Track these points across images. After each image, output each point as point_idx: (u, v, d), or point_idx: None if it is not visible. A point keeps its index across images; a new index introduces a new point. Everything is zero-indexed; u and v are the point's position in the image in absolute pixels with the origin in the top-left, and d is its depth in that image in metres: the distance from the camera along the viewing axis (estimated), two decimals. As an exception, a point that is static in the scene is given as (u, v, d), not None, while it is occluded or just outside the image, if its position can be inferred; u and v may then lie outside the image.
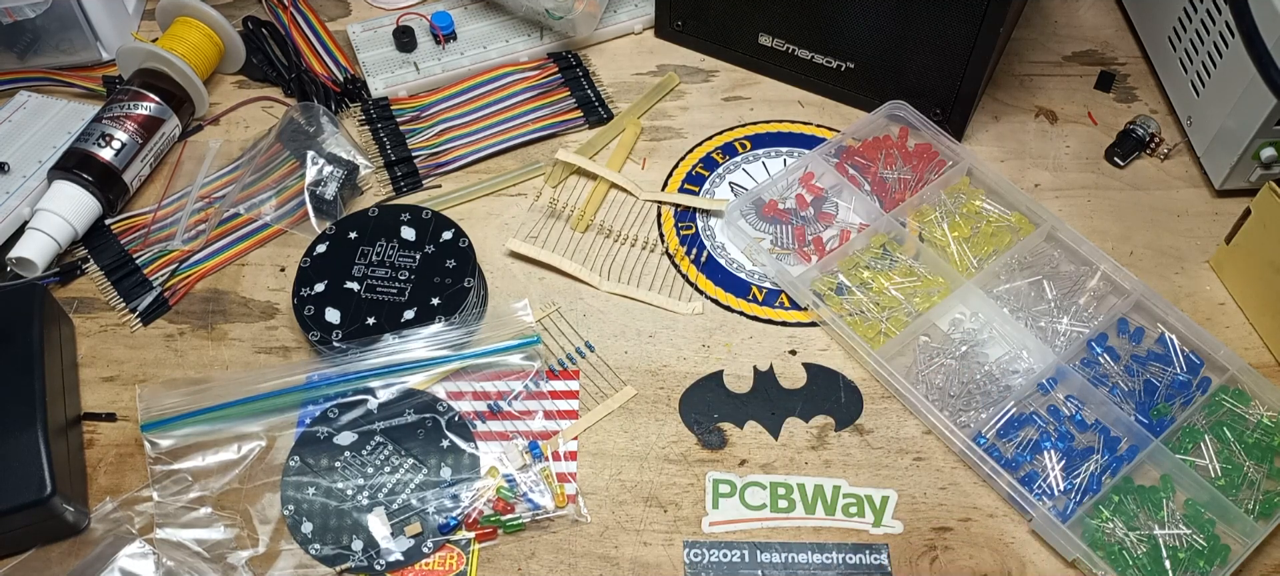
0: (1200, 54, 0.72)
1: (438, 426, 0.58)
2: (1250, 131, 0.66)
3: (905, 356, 0.63)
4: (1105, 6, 0.86)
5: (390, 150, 0.73)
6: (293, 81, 0.77)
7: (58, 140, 0.71)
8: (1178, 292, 0.67)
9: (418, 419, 0.58)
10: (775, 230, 0.70)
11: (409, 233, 0.64)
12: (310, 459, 0.56)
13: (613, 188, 0.72)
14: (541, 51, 0.80)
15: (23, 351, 0.56)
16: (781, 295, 0.66)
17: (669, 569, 0.54)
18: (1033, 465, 0.58)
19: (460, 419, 0.58)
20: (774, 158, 0.75)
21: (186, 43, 0.74)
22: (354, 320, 0.60)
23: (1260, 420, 0.59)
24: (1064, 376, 0.61)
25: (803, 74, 0.78)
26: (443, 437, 0.57)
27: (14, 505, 0.51)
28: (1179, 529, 0.55)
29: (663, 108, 0.78)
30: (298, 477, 0.56)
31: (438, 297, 0.61)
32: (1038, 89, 0.80)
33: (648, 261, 0.68)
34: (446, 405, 0.58)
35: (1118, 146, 0.75)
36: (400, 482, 0.56)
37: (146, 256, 0.67)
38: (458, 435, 0.58)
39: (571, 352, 0.62)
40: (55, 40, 0.76)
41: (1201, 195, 0.73)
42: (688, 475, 0.57)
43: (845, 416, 0.60)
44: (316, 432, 0.57)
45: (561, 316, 0.64)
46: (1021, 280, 0.66)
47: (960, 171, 0.71)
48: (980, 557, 0.55)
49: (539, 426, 0.58)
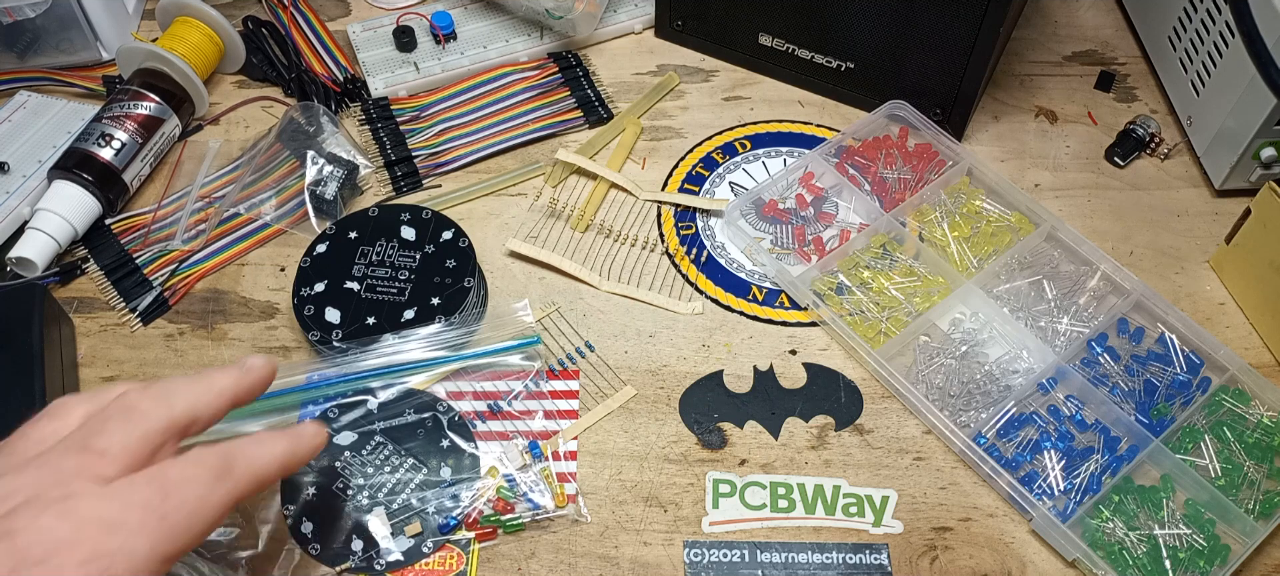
0: (1200, 54, 0.72)
1: (438, 426, 0.58)
2: (1250, 131, 0.66)
3: (905, 356, 0.63)
4: (1105, 6, 0.86)
5: (390, 150, 0.73)
6: (293, 81, 0.77)
7: (58, 140, 0.71)
8: (1178, 293, 0.67)
9: (418, 419, 0.58)
10: (775, 230, 0.70)
11: (409, 232, 0.64)
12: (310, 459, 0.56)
13: (613, 187, 0.72)
14: (541, 51, 0.80)
15: (23, 351, 0.56)
16: (781, 295, 0.66)
17: (669, 569, 0.54)
18: (1033, 465, 0.58)
19: (460, 419, 0.58)
20: (774, 157, 0.75)
21: (186, 43, 0.74)
22: (354, 320, 0.60)
23: (1260, 420, 0.59)
24: (1064, 376, 0.61)
25: (803, 74, 0.78)
26: (443, 437, 0.57)
27: (14, 505, 0.51)
28: (1179, 529, 0.55)
29: (663, 108, 0.78)
30: (297, 477, 0.56)
31: (438, 297, 0.61)
32: (1038, 89, 0.80)
33: (648, 261, 0.68)
34: (446, 405, 0.58)
35: (1118, 146, 0.75)
36: (400, 482, 0.56)
37: (146, 256, 0.67)
38: (458, 435, 0.57)
39: (571, 352, 0.62)
40: (55, 40, 0.76)
41: (1201, 195, 0.73)
42: (688, 475, 0.57)
43: (845, 416, 0.60)
44: None
45: (561, 316, 0.64)
46: (1021, 280, 0.66)
47: (960, 171, 0.71)
48: (980, 557, 0.55)
49: (539, 426, 0.58)
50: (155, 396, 0.41)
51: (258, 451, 0.43)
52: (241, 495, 0.41)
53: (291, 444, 0.44)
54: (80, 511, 0.37)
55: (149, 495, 0.38)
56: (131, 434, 0.40)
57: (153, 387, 0.42)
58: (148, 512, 0.38)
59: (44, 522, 0.36)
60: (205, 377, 0.44)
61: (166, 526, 0.38)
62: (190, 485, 0.39)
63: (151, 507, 0.38)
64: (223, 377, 0.44)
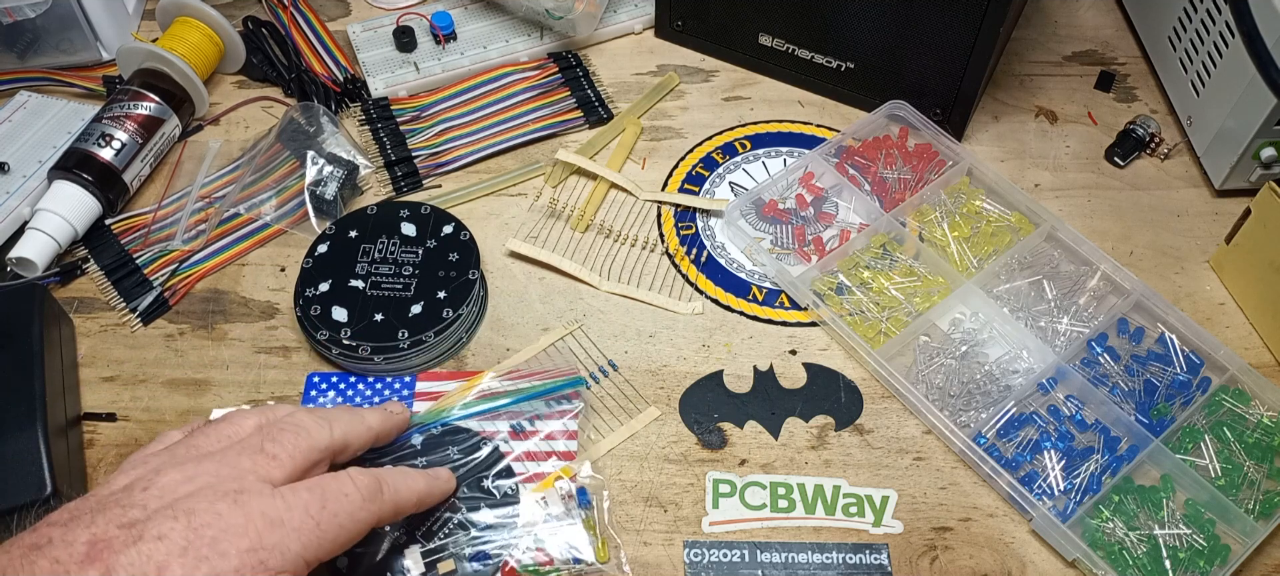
0: (1200, 54, 0.72)
1: (481, 467, 0.56)
2: (1250, 131, 0.66)
3: (905, 356, 0.63)
4: (1105, 6, 0.86)
5: (390, 150, 0.73)
6: (293, 81, 0.77)
7: (58, 140, 0.71)
8: (1178, 292, 0.67)
9: (461, 458, 0.56)
10: (775, 230, 0.70)
11: (409, 228, 0.64)
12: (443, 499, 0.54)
13: (613, 188, 0.72)
14: (541, 51, 0.80)
15: (23, 351, 0.56)
16: (781, 295, 0.66)
17: (669, 569, 0.54)
18: (1033, 465, 0.58)
19: (503, 459, 0.56)
20: (774, 158, 0.75)
21: (186, 43, 0.74)
22: (362, 317, 0.60)
23: (1260, 420, 0.59)
24: (1064, 376, 0.61)
25: (803, 74, 0.78)
26: (485, 478, 0.55)
27: (14, 505, 0.51)
28: (1179, 529, 0.55)
29: (663, 108, 0.78)
30: None
31: (443, 291, 0.61)
32: (1038, 89, 0.80)
33: (648, 261, 0.68)
34: (492, 446, 0.56)
35: (1118, 146, 0.75)
36: (438, 521, 0.54)
37: (146, 256, 0.67)
38: (500, 477, 0.55)
39: (593, 371, 0.62)
40: (55, 40, 0.76)
41: (1201, 195, 0.73)
42: (688, 475, 0.57)
43: (845, 416, 0.60)
44: None
45: (583, 334, 0.63)
46: (1021, 280, 0.66)
47: (960, 171, 0.71)
48: (980, 557, 0.55)
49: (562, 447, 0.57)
50: (319, 418, 0.48)
51: (402, 482, 0.49)
52: (384, 518, 0.47)
53: (429, 483, 0.51)
54: (251, 505, 0.42)
55: (310, 501, 0.43)
56: (299, 446, 0.45)
57: (317, 411, 0.49)
58: (306, 516, 0.43)
59: (220, 508, 0.41)
60: (359, 412, 0.51)
61: (319, 532, 0.43)
62: (345, 500, 0.44)
63: (310, 513, 0.43)
64: (372, 415, 0.52)
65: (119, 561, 0.39)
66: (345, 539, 0.44)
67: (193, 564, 0.39)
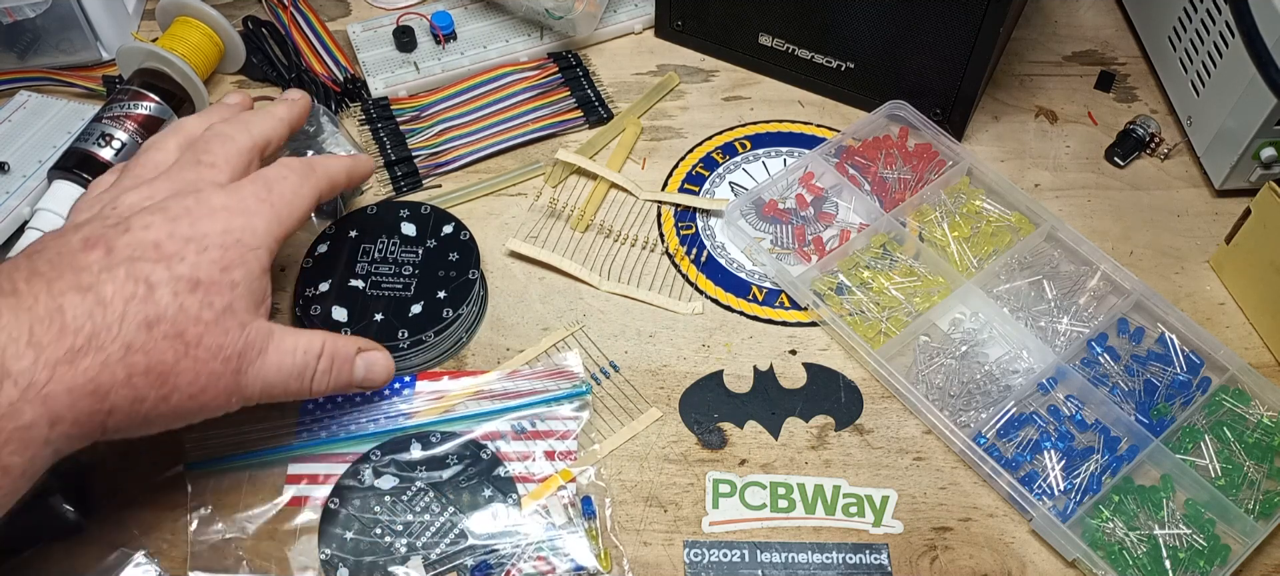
0: (1200, 54, 0.72)
1: (482, 476, 0.56)
2: (1250, 131, 0.66)
3: (905, 356, 0.63)
4: (1105, 6, 0.86)
5: (390, 150, 0.73)
6: (293, 81, 0.77)
7: (58, 140, 0.71)
8: (1178, 293, 0.67)
9: (462, 467, 0.56)
10: (775, 230, 0.70)
11: (409, 228, 0.64)
12: (350, 502, 0.55)
13: (613, 187, 0.72)
14: (541, 51, 0.80)
15: (23, 351, 0.56)
16: (781, 295, 0.66)
17: (669, 569, 0.54)
18: (1033, 465, 0.58)
19: (504, 467, 0.56)
20: (774, 157, 0.75)
21: (186, 43, 0.74)
22: (361, 317, 0.60)
23: (1260, 420, 0.59)
24: (1064, 376, 0.61)
25: (803, 74, 0.78)
26: (486, 487, 0.55)
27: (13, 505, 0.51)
28: (1179, 529, 0.55)
29: (663, 107, 0.78)
30: (337, 519, 0.54)
31: (443, 291, 0.61)
32: (1038, 89, 0.80)
33: (648, 261, 0.68)
34: (491, 453, 0.57)
35: (1118, 146, 0.75)
36: (440, 531, 0.54)
37: (146, 256, 0.67)
38: (502, 487, 0.56)
39: (595, 373, 0.62)
40: (55, 40, 0.76)
41: (1201, 195, 0.73)
42: (688, 475, 0.57)
43: (845, 416, 0.60)
44: (359, 474, 0.56)
45: (584, 335, 0.63)
46: (1021, 280, 0.66)
47: (960, 171, 0.71)
48: (980, 557, 0.55)
49: (562, 448, 0.57)
50: (236, 124, 0.53)
51: (330, 161, 0.56)
52: (322, 191, 0.54)
53: (353, 162, 0.58)
54: (212, 200, 0.48)
55: (257, 188, 0.50)
56: (229, 150, 0.51)
57: (233, 120, 0.53)
58: (259, 202, 0.49)
59: (187, 204, 0.47)
60: (268, 111, 0.56)
61: (274, 211, 0.50)
62: (285, 181, 0.51)
63: (261, 198, 0.50)
64: (279, 109, 0.57)
65: (117, 243, 0.44)
66: (299, 212, 0.51)
67: (181, 243, 0.45)
